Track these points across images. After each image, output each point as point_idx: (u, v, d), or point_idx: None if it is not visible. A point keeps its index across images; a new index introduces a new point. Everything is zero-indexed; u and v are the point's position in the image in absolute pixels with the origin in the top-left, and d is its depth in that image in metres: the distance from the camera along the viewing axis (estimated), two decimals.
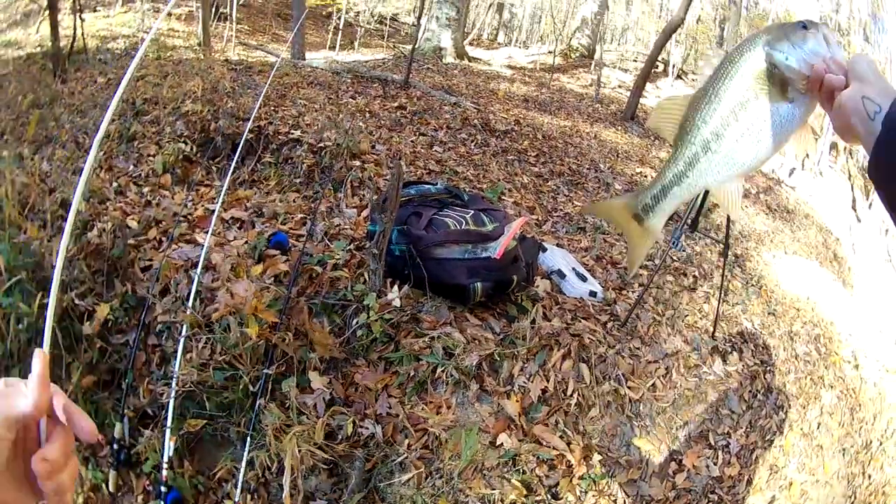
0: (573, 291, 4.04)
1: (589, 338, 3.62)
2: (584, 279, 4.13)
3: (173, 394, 3.01)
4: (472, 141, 7.16)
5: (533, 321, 3.51)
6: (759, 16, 18.63)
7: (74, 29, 8.47)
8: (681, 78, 17.36)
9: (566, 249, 4.60)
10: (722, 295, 4.46)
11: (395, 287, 3.45)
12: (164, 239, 3.86)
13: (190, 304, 3.26)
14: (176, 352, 3.14)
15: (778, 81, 1.02)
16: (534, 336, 3.45)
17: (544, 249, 4.19)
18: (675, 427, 3.52)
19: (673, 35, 11.72)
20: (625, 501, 3.08)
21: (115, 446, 3.06)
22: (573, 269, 4.18)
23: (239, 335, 3.10)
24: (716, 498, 3.28)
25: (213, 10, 13.06)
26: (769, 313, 5.04)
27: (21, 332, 3.29)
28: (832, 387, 4.54)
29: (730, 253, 4.47)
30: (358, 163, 5.26)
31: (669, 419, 3.53)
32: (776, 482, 3.58)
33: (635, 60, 18.25)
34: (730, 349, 4.22)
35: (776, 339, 4.71)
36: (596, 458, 3.14)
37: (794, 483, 3.62)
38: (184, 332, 3.19)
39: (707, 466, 3.39)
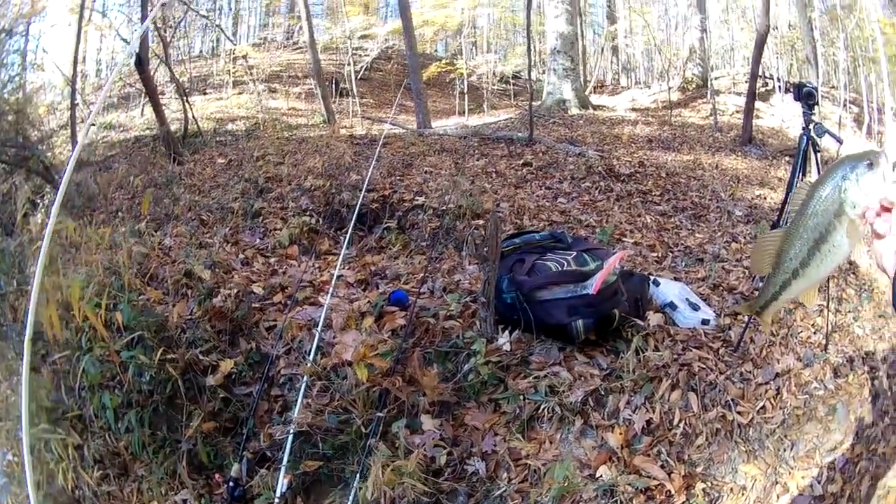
0: (685, 322, 4.06)
1: (699, 366, 3.63)
2: (696, 308, 4.14)
3: (291, 433, 3.26)
4: (596, 188, 7.31)
5: (638, 353, 3.56)
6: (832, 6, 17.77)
7: (185, 112, 8.99)
8: (789, 91, 15.97)
9: (684, 281, 4.61)
10: (832, 306, 4.34)
11: (506, 332, 3.62)
12: (288, 302, 4.16)
13: (311, 357, 3.55)
14: (296, 400, 3.40)
15: (847, 216, 1.23)
16: (640, 369, 3.50)
17: (657, 284, 4.26)
18: (783, 448, 3.44)
19: (764, 46, 11.42)
20: None
21: (231, 484, 3.25)
22: (686, 299, 4.20)
23: (353, 381, 3.34)
24: None
25: (334, 86, 13.61)
26: (879, 316, 4.84)
27: (143, 384, 3.58)
28: None
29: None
30: (481, 221, 5.48)
31: (778, 441, 3.45)
32: (874, 491, 3.43)
33: (746, 82, 17.80)
34: (842, 360, 4.05)
35: (885, 341, 4.43)
36: (700, 486, 3.12)
37: (892, 490, 3.45)
38: (304, 382, 3.46)
39: (811, 486, 3.28)
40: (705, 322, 4.06)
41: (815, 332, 4.28)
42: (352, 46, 15.08)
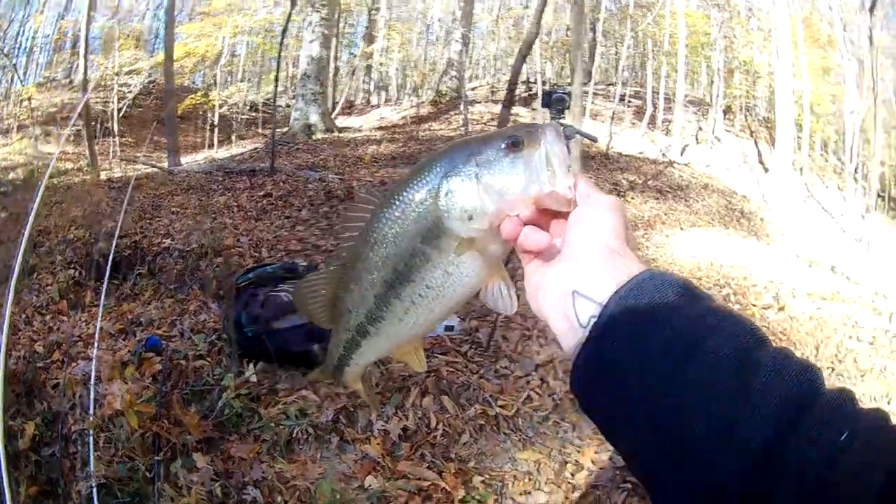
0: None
1: (448, 370, 3.90)
2: None
3: (94, 487, 3.37)
4: (335, 212, 7.53)
5: (379, 366, 3.80)
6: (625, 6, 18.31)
7: None
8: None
9: None
10: None
11: (251, 365, 3.85)
12: (65, 359, 4.28)
13: (91, 411, 3.68)
14: (88, 455, 3.53)
15: (456, 236, 0.76)
16: (385, 381, 3.76)
17: None
18: (562, 431, 3.65)
19: (529, 52, 11.80)
20: None
21: None
22: None
23: (129, 430, 3.52)
24: (629, 486, 3.26)
25: (99, 126, 13.28)
26: None
27: None
28: None
29: None
30: (221, 259, 5.70)
31: (554, 425, 3.67)
32: None
33: (505, 90, 18.07)
34: None
35: None
36: (477, 479, 3.32)
37: None
38: (91, 437, 3.61)
39: (611, 458, 3.41)
40: (449, 328, 4.28)
41: None
42: (118, 83, 14.72)
